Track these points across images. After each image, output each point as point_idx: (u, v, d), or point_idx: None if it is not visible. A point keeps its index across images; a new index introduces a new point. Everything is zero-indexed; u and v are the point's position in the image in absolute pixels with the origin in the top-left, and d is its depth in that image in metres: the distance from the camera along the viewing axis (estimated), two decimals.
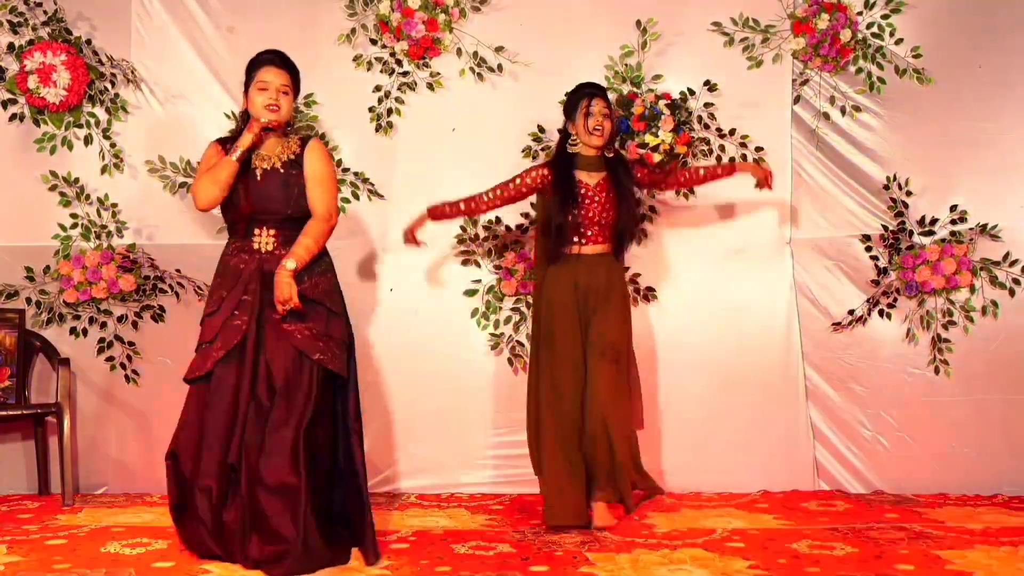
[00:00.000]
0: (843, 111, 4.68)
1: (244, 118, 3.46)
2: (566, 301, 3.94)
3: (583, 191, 3.95)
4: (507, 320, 4.68)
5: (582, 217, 3.94)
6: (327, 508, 3.32)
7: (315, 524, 3.17)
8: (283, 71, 3.41)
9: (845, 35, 4.62)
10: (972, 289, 4.59)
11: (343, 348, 3.36)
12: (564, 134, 4.05)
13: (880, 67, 4.65)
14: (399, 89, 4.72)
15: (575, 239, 3.96)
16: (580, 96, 3.98)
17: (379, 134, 4.69)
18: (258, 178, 3.35)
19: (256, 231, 3.35)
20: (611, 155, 4.03)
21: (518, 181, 4.00)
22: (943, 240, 4.61)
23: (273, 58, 3.43)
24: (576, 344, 3.92)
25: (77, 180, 4.71)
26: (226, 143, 3.46)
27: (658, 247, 4.70)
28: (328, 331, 3.33)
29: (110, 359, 4.68)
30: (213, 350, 3.28)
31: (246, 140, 3.34)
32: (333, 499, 3.37)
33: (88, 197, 4.71)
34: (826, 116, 4.69)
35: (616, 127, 4.25)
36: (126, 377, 4.68)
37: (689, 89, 4.65)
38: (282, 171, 3.36)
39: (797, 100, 4.71)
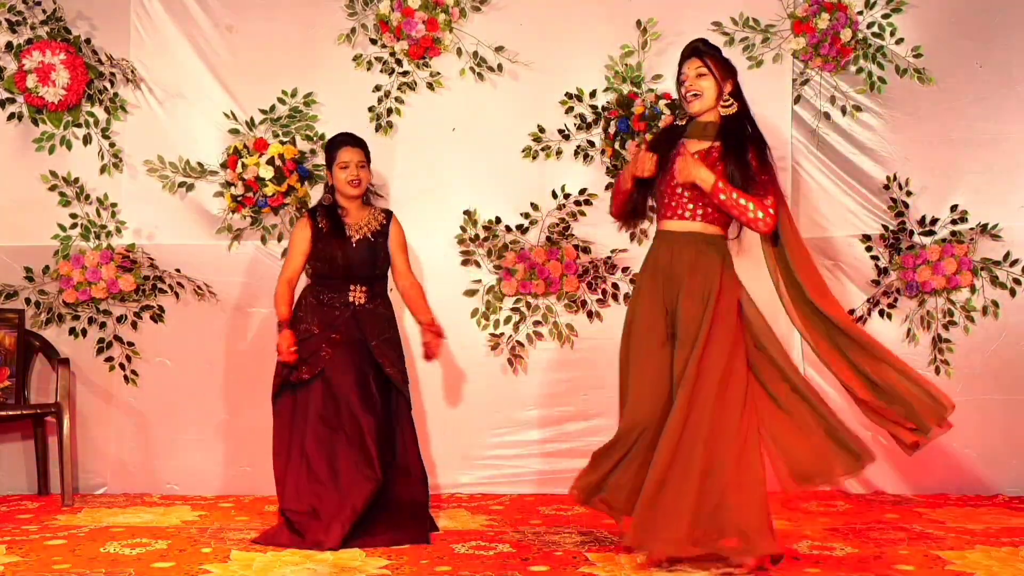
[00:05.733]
0: (843, 111, 4.67)
1: (330, 190, 4.01)
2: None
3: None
4: (507, 320, 4.68)
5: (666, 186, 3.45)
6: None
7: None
8: (358, 148, 3.95)
9: (845, 35, 4.61)
10: (973, 289, 4.59)
11: (405, 373, 4.01)
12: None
13: (881, 67, 4.65)
14: (399, 89, 4.71)
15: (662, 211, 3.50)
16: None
17: (379, 134, 4.68)
18: (353, 245, 3.91)
19: (351, 287, 3.91)
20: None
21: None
22: (943, 240, 4.60)
23: (347, 139, 3.98)
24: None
25: (76, 180, 4.70)
26: (315, 212, 3.99)
27: None
28: (401, 365, 3.97)
29: (109, 359, 4.67)
30: (301, 372, 3.85)
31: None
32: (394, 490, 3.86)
33: (87, 197, 4.71)
34: (826, 116, 4.68)
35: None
36: (125, 377, 4.68)
37: None
38: (371, 239, 3.94)
39: (797, 100, 4.70)
